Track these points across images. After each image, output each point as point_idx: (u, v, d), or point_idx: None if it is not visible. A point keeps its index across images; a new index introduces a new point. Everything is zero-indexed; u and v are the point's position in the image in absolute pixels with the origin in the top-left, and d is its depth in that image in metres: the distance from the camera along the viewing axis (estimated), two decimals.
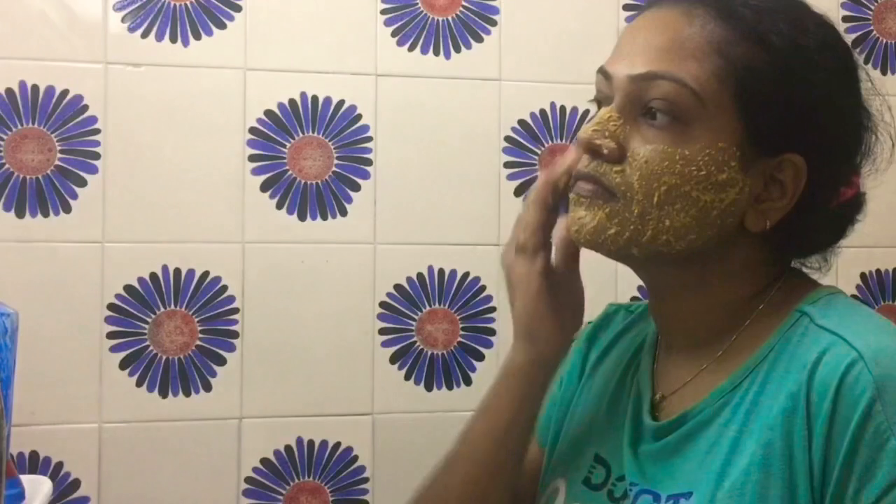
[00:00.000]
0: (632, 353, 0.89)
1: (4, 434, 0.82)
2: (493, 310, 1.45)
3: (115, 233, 1.34)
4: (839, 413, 0.66)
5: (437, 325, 1.44)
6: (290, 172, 1.39)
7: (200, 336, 1.36)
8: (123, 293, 1.34)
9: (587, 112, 1.46)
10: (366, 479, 1.41)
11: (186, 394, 1.35)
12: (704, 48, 0.72)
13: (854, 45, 1.28)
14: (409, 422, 1.43)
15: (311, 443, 1.39)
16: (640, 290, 1.37)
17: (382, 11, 1.42)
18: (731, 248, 0.76)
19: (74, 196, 1.32)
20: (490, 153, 1.45)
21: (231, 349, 1.37)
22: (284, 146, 1.39)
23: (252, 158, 1.38)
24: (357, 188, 1.41)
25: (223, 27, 1.37)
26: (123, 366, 1.34)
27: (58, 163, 1.32)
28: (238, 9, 1.37)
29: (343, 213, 1.41)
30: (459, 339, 1.45)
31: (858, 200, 0.80)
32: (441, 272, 1.44)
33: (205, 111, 1.36)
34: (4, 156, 1.31)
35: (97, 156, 1.33)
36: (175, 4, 1.36)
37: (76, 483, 1.32)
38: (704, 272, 0.77)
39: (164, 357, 1.35)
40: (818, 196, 0.75)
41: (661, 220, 0.73)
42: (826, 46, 0.76)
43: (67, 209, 1.32)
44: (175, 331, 1.35)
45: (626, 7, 1.49)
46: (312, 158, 1.40)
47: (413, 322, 1.43)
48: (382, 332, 1.42)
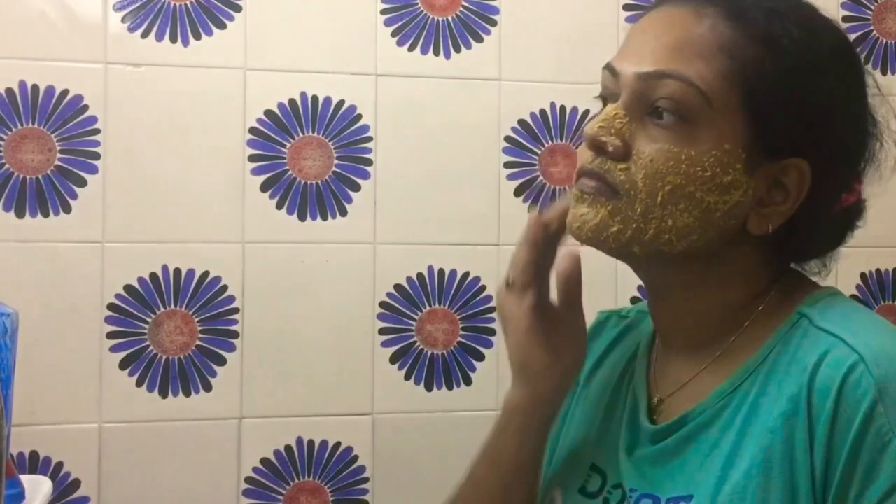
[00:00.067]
0: (626, 362, 0.88)
1: (4, 434, 0.81)
2: (493, 310, 1.45)
3: (115, 233, 1.33)
4: (841, 415, 0.65)
5: (437, 325, 1.44)
6: (290, 172, 1.39)
7: (200, 336, 1.36)
8: (123, 293, 1.34)
9: (587, 112, 1.46)
10: (366, 479, 1.41)
11: (186, 394, 1.35)
12: (714, 48, 0.72)
13: (854, 45, 1.29)
14: (409, 422, 1.43)
15: (311, 443, 1.39)
16: (640, 290, 1.37)
17: (382, 11, 1.42)
18: (732, 250, 0.76)
19: (74, 196, 1.32)
20: (490, 153, 1.45)
21: (231, 349, 1.37)
22: (284, 146, 1.39)
23: (252, 158, 1.38)
24: (357, 188, 1.41)
25: (223, 27, 1.37)
26: (123, 366, 1.34)
27: (58, 163, 1.32)
28: (238, 9, 1.37)
29: (343, 213, 1.41)
30: (459, 339, 1.45)
31: (859, 206, 0.80)
32: (441, 272, 1.44)
33: (205, 111, 1.36)
34: (4, 156, 1.30)
35: (97, 156, 1.33)
36: (175, 4, 1.35)
37: (76, 483, 1.32)
38: (704, 273, 0.77)
39: (164, 357, 1.35)
40: (820, 201, 0.75)
41: (664, 220, 0.72)
42: (836, 52, 0.76)
43: (67, 209, 1.32)
44: (175, 331, 1.35)
45: (626, 7, 1.49)
46: (312, 158, 1.40)
47: (413, 322, 1.43)
48: (382, 332, 1.42)
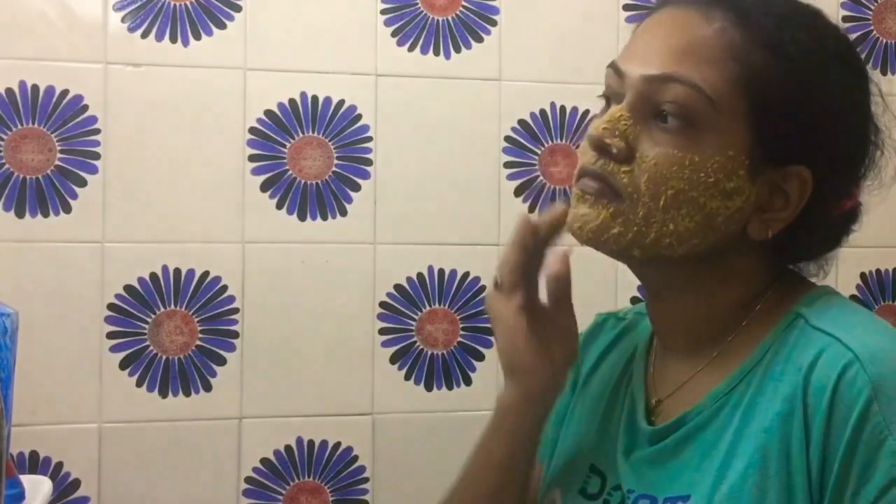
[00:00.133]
0: (624, 363, 0.88)
1: (4, 434, 0.82)
2: None
3: (115, 233, 1.34)
4: (836, 414, 0.65)
5: (437, 325, 1.44)
6: (290, 172, 1.39)
7: (200, 336, 1.36)
8: (123, 293, 1.34)
9: (587, 112, 1.46)
10: (366, 479, 1.41)
11: (186, 394, 1.36)
12: (721, 53, 0.71)
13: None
14: (409, 422, 1.43)
15: (311, 443, 1.39)
16: (640, 290, 1.37)
17: (382, 11, 1.42)
18: (732, 253, 0.76)
19: (74, 196, 1.32)
20: (490, 153, 1.45)
21: (231, 349, 1.37)
22: (284, 146, 1.39)
23: (252, 158, 1.38)
24: (357, 188, 1.41)
25: (223, 27, 1.37)
26: (123, 366, 1.34)
27: (58, 163, 1.32)
28: (238, 9, 1.38)
29: (343, 213, 1.41)
30: (459, 339, 1.45)
31: (855, 211, 0.80)
32: (441, 272, 1.44)
33: (205, 111, 1.36)
34: (4, 156, 1.31)
35: (97, 156, 1.33)
36: (175, 4, 1.36)
37: (76, 483, 1.32)
38: (704, 275, 0.77)
39: (164, 357, 1.35)
40: (820, 207, 0.75)
41: (666, 224, 0.72)
42: (842, 60, 0.75)
43: (67, 209, 1.32)
44: (175, 331, 1.36)
45: (626, 7, 1.49)
46: (312, 158, 1.40)
47: (413, 322, 1.43)
48: (382, 332, 1.42)
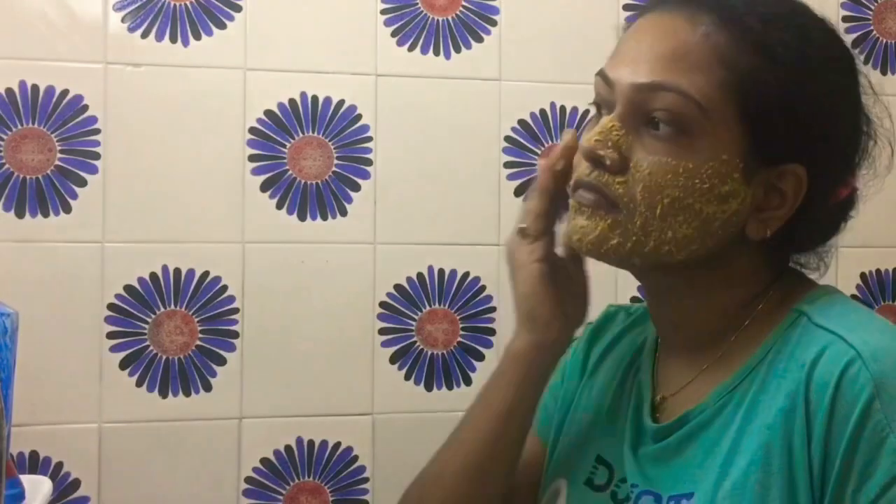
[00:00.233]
0: (632, 354, 0.89)
1: (4, 434, 0.82)
2: (493, 310, 1.45)
3: (115, 233, 1.34)
4: (838, 411, 0.66)
5: (437, 325, 1.44)
6: (290, 172, 1.39)
7: (200, 336, 1.36)
8: (123, 293, 1.34)
9: (587, 112, 1.46)
10: (366, 479, 1.41)
11: (186, 394, 1.36)
12: (709, 58, 0.71)
13: (854, 46, 1.29)
14: (409, 422, 1.42)
15: (311, 443, 1.39)
16: (640, 291, 1.37)
17: (382, 11, 1.42)
18: (732, 254, 0.76)
19: (74, 196, 1.32)
20: (490, 153, 1.45)
21: (231, 349, 1.37)
22: (284, 146, 1.39)
23: (252, 158, 1.38)
24: (357, 188, 1.41)
25: (223, 27, 1.37)
26: (123, 366, 1.34)
27: (58, 163, 1.32)
28: (238, 9, 1.38)
29: (343, 213, 1.41)
30: (459, 339, 1.45)
31: (852, 198, 0.80)
32: (441, 272, 1.44)
33: (205, 111, 1.36)
34: (4, 156, 1.31)
35: (97, 156, 1.33)
36: (175, 4, 1.36)
37: (76, 483, 1.32)
38: (704, 279, 0.77)
39: (164, 357, 1.35)
40: (816, 201, 0.75)
41: (664, 232, 0.72)
42: (831, 57, 0.76)
43: (67, 209, 1.32)
44: (175, 331, 1.35)
45: (626, 7, 1.49)
46: (312, 158, 1.40)
47: (413, 322, 1.43)
48: (382, 332, 1.42)
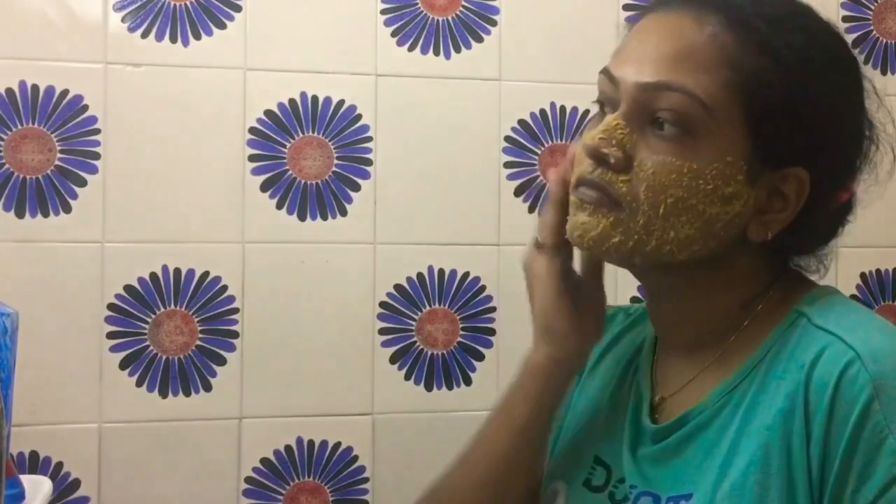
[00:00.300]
0: (631, 355, 0.88)
1: (4, 434, 0.82)
2: (493, 310, 1.45)
3: (115, 233, 1.34)
4: (837, 412, 0.66)
5: (437, 325, 1.44)
6: (290, 172, 1.39)
7: (200, 336, 1.36)
8: (123, 293, 1.34)
9: (587, 112, 1.46)
10: (366, 479, 1.41)
11: (186, 394, 1.36)
12: (715, 59, 0.71)
13: (854, 46, 1.28)
14: (409, 422, 1.42)
15: (311, 443, 1.39)
16: (640, 290, 1.37)
17: (382, 11, 1.42)
18: (732, 256, 0.76)
19: (74, 196, 1.32)
20: (490, 153, 1.45)
21: (231, 349, 1.37)
22: (284, 146, 1.39)
23: (252, 158, 1.38)
24: (357, 188, 1.41)
25: (223, 27, 1.37)
26: (123, 366, 1.34)
27: (58, 163, 1.32)
28: (238, 9, 1.38)
29: (343, 213, 1.41)
30: (459, 339, 1.45)
31: (850, 202, 0.80)
32: (441, 272, 1.44)
33: (205, 111, 1.36)
34: (4, 156, 1.31)
35: (97, 156, 1.33)
36: (175, 4, 1.36)
37: (76, 483, 1.32)
38: (705, 279, 0.77)
39: (164, 357, 1.35)
40: (818, 205, 0.75)
41: (666, 232, 0.72)
42: (837, 60, 0.75)
43: (67, 209, 1.32)
44: (175, 331, 1.36)
45: (626, 7, 1.49)
46: (312, 158, 1.40)
47: (413, 322, 1.43)
48: (382, 332, 1.42)
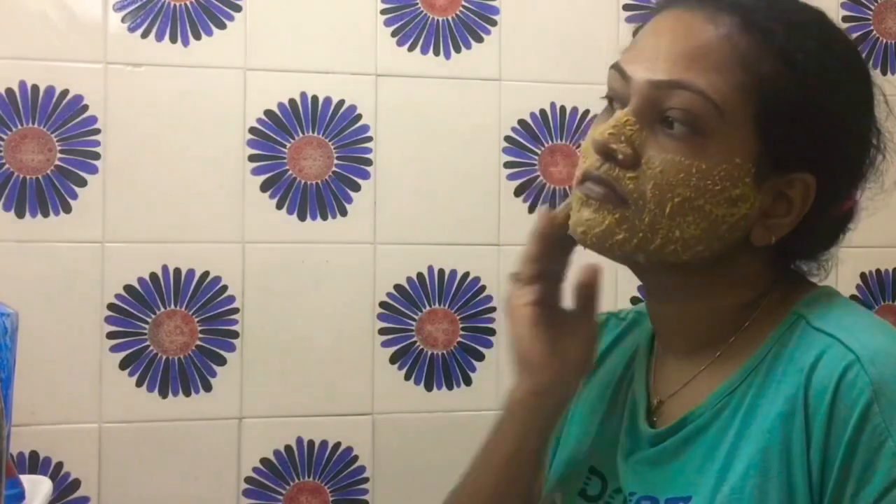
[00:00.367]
0: (625, 364, 0.88)
1: (4, 434, 0.82)
2: (493, 310, 1.45)
3: (115, 233, 1.34)
4: (837, 415, 0.65)
5: (437, 325, 1.44)
6: (290, 172, 1.39)
7: (200, 336, 1.36)
8: (123, 293, 1.34)
9: (587, 112, 1.45)
10: (366, 479, 1.41)
11: (186, 394, 1.36)
12: (729, 60, 0.70)
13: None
14: (409, 422, 1.43)
15: (311, 443, 1.39)
16: (640, 290, 1.37)
17: (382, 11, 1.42)
18: (735, 258, 0.76)
19: (74, 196, 1.32)
20: (490, 153, 1.45)
21: (231, 349, 1.37)
22: (284, 146, 1.39)
23: (252, 158, 1.38)
24: (357, 188, 1.41)
25: (223, 27, 1.37)
26: (123, 366, 1.34)
27: (58, 163, 1.32)
28: (238, 9, 1.37)
29: (343, 213, 1.41)
30: (459, 339, 1.45)
31: (853, 210, 0.80)
32: (441, 272, 1.44)
33: (205, 111, 1.36)
34: (4, 156, 1.31)
35: (97, 156, 1.33)
36: (175, 4, 1.36)
37: (76, 483, 1.32)
38: (706, 280, 0.77)
39: (164, 357, 1.35)
40: (822, 211, 0.75)
41: (671, 231, 0.72)
42: (850, 68, 0.75)
43: (67, 209, 1.32)
44: (175, 331, 1.36)
45: (626, 7, 1.49)
46: (312, 158, 1.40)
47: (413, 322, 1.43)
48: (382, 332, 1.42)
